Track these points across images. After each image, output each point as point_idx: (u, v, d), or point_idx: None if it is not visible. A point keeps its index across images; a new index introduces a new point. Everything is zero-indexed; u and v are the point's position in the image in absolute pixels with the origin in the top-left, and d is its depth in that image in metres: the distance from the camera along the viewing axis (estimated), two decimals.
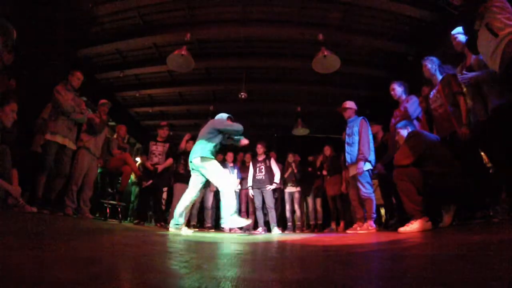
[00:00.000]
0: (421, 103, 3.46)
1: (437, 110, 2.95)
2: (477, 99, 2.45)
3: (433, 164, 2.44)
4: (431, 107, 3.05)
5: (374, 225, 3.66)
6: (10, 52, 3.03)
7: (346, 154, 3.94)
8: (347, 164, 3.98)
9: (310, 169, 6.01)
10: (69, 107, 3.52)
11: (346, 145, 3.96)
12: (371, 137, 3.87)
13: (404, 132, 2.88)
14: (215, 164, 3.23)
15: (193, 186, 3.31)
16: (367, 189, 3.68)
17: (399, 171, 2.60)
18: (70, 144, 3.59)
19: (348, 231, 3.93)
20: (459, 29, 2.66)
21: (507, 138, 2.12)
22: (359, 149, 3.74)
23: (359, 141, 3.76)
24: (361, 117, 3.94)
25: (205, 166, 3.21)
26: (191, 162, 3.31)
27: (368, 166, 3.74)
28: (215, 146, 3.32)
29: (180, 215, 3.25)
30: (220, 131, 3.39)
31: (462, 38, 2.61)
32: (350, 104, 4.11)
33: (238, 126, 3.44)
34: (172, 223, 3.28)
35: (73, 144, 3.66)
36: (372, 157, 3.78)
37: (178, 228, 3.25)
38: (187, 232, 3.18)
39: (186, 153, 5.17)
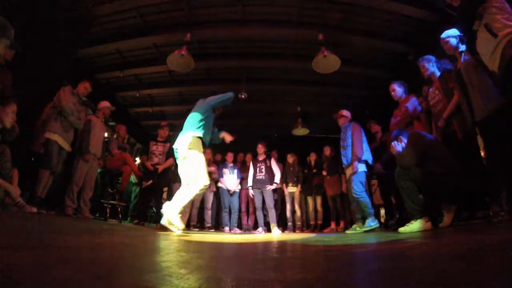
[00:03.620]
0: (422, 103, 3.46)
1: (435, 107, 2.95)
2: (463, 103, 2.47)
3: (434, 164, 2.44)
4: (430, 104, 3.06)
5: (375, 220, 3.67)
6: (11, 49, 3.05)
7: (342, 157, 4.08)
8: (343, 166, 4.10)
9: (306, 170, 6.02)
10: (69, 108, 3.58)
11: (341, 149, 4.11)
12: (364, 138, 3.94)
13: (398, 148, 2.69)
14: (200, 157, 2.85)
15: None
16: (358, 188, 3.71)
17: (402, 170, 2.59)
18: (65, 145, 3.64)
19: (347, 232, 3.93)
20: (449, 32, 2.64)
21: (500, 142, 2.13)
22: (352, 150, 3.84)
23: (353, 143, 3.86)
24: (353, 122, 4.11)
25: (189, 156, 2.86)
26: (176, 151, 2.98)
27: (362, 168, 3.78)
28: (206, 132, 2.98)
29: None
30: (213, 109, 3.12)
31: (453, 41, 2.60)
32: (346, 113, 4.27)
33: (228, 94, 3.12)
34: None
35: (68, 146, 3.69)
36: (367, 156, 3.84)
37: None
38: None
39: None
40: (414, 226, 2.39)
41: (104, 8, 4.66)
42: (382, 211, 5.52)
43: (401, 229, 2.47)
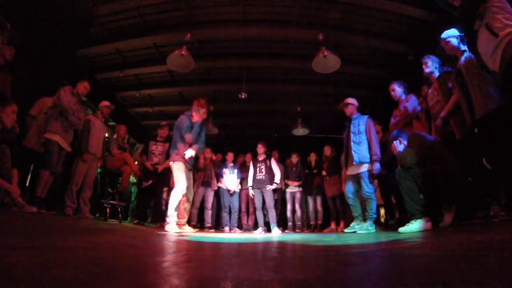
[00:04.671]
0: (421, 103, 3.46)
1: (434, 107, 2.95)
2: (462, 103, 2.47)
3: (435, 164, 2.44)
4: (429, 105, 3.06)
5: (374, 225, 3.66)
6: (11, 47, 3.06)
7: (353, 152, 3.74)
8: (354, 163, 3.76)
9: (306, 171, 6.02)
10: (69, 108, 3.58)
11: (352, 143, 3.78)
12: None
13: (399, 148, 2.78)
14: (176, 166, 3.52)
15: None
16: (370, 188, 3.65)
17: (402, 170, 2.59)
18: (65, 145, 3.65)
19: (346, 230, 3.91)
20: (449, 32, 2.63)
21: (499, 141, 2.13)
22: (371, 149, 3.66)
23: (370, 141, 3.68)
24: (367, 116, 3.85)
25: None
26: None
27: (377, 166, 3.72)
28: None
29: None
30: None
31: (455, 41, 2.59)
32: (352, 100, 4.00)
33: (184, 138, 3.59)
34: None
35: (67, 146, 3.69)
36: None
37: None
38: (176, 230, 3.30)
39: None
40: (414, 226, 2.39)
41: (104, 8, 4.66)
42: (382, 211, 5.52)
43: (401, 229, 2.46)
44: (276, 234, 4.61)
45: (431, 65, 3.02)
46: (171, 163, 3.58)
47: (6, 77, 3.22)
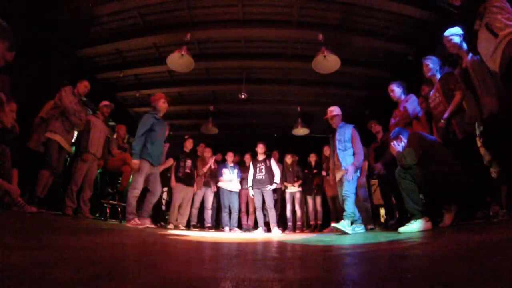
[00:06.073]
0: (422, 103, 3.46)
1: (436, 109, 2.95)
2: (469, 100, 2.47)
3: (435, 164, 2.44)
4: (430, 106, 3.06)
5: (350, 227, 3.52)
6: (11, 50, 3.06)
7: (341, 159, 3.85)
8: (343, 168, 3.84)
9: (306, 171, 6.02)
10: (71, 108, 3.59)
11: (338, 150, 3.88)
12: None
13: (398, 148, 2.78)
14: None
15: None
16: (349, 188, 3.61)
17: (402, 170, 2.59)
18: (66, 145, 3.65)
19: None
20: (452, 30, 2.64)
21: (500, 141, 2.13)
22: (355, 157, 3.70)
23: (355, 149, 3.73)
24: (352, 126, 3.92)
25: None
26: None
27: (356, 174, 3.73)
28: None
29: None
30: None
31: (457, 39, 2.59)
32: (336, 110, 4.07)
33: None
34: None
35: (68, 146, 3.69)
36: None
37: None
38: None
39: (188, 155, 5.25)
40: (414, 226, 2.39)
41: (104, 8, 4.66)
42: (382, 211, 5.52)
43: (401, 229, 2.46)
44: (276, 234, 4.61)
45: (432, 68, 3.00)
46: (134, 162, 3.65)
47: (5, 77, 3.22)
